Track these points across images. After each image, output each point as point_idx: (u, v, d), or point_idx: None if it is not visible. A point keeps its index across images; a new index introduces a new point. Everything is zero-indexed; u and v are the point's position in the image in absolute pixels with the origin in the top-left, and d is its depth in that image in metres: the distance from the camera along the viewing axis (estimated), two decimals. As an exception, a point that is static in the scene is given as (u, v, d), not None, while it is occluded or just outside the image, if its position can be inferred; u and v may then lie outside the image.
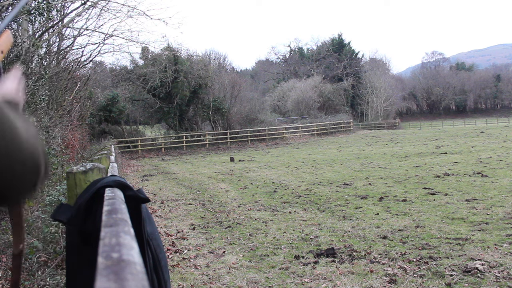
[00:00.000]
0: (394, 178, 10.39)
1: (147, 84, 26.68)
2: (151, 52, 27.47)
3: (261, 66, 74.22)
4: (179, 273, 4.48)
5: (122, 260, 0.45)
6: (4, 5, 6.58)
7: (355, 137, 31.51)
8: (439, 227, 5.70)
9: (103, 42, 14.04)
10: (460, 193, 7.96)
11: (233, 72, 46.04)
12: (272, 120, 35.79)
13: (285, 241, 5.51)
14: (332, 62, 55.65)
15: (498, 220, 5.88)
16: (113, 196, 0.96)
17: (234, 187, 10.44)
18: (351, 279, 4.12)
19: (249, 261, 4.81)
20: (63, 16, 11.53)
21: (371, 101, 51.72)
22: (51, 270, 3.79)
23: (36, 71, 7.26)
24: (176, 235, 6.15)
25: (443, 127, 44.51)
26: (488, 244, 4.85)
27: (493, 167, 11.03)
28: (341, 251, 4.95)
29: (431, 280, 3.97)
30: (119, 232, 0.53)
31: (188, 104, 29.36)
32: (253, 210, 7.61)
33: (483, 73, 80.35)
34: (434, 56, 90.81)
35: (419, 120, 64.49)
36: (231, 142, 28.73)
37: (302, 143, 28.87)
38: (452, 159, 13.60)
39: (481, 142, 19.84)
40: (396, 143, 23.00)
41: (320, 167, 13.76)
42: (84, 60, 14.26)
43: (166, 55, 27.42)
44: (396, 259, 4.57)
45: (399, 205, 7.25)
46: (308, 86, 44.48)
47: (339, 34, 60.13)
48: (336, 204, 7.68)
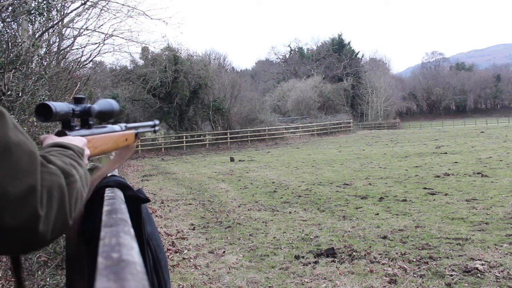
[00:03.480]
0: (394, 178, 10.38)
1: (147, 84, 26.67)
2: (151, 52, 27.46)
3: (261, 66, 74.22)
4: (179, 273, 4.48)
5: (122, 260, 0.45)
6: (4, 5, 6.58)
7: (355, 137, 31.50)
8: (439, 227, 5.70)
9: (103, 42, 14.03)
10: (460, 193, 7.96)
11: (233, 72, 46.01)
12: (272, 120, 35.78)
13: (285, 241, 5.51)
14: (332, 62, 55.66)
15: (498, 220, 5.88)
16: (113, 196, 0.96)
17: (234, 187, 10.44)
18: (351, 279, 4.12)
19: (249, 261, 4.81)
20: (63, 16, 11.53)
21: (371, 101, 51.72)
22: (51, 270, 3.79)
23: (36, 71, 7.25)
24: (176, 235, 6.15)
25: (443, 127, 44.50)
26: (488, 244, 4.85)
27: (493, 167, 11.03)
28: (341, 251, 4.95)
29: (431, 280, 3.97)
30: (119, 232, 0.53)
31: (188, 104, 29.35)
32: (253, 210, 7.61)
33: (483, 73, 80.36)
34: (434, 56, 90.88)
35: (419, 120, 64.49)
36: (231, 142, 28.73)
37: (302, 143, 28.87)
38: (452, 159, 13.59)
39: (481, 142, 19.84)
40: (396, 143, 23.00)
41: (320, 167, 13.76)
42: (84, 60, 14.25)
43: (166, 55, 27.42)
44: (396, 259, 4.57)
45: (399, 205, 7.25)
46: (308, 86, 44.48)
47: (339, 34, 60.14)
48: (336, 204, 7.68)
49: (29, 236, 0.56)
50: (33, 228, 0.56)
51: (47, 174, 0.59)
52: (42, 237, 0.57)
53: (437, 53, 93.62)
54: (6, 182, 0.51)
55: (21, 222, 0.54)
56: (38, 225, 0.56)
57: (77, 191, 0.65)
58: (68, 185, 0.63)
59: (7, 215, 0.52)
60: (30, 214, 0.54)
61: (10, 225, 0.53)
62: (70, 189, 0.63)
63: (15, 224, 0.53)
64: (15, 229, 0.54)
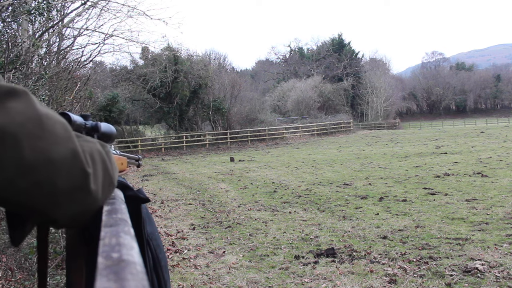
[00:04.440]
0: (394, 178, 10.38)
1: (147, 84, 26.67)
2: (151, 52, 27.46)
3: (261, 66, 74.24)
4: (179, 273, 4.48)
5: (122, 260, 0.45)
6: (4, 5, 6.58)
7: (355, 137, 31.51)
8: (439, 227, 5.70)
9: (103, 42, 14.03)
10: (460, 193, 7.96)
11: (233, 72, 46.03)
12: (272, 120, 35.79)
13: (285, 241, 5.51)
14: (332, 62, 55.67)
15: (498, 220, 5.88)
16: (113, 196, 0.96)
17: (234, 187, 10.44)
18: (351, 279, 4.12)
19: (249, 261, 4.81)
20: (63, 16, 11.53)
21: (371, 101, 51.73)
22: (51, 270, 3.79)
23: (36, 71, 7.26)
24: (176, 235, 6.16)
25: (443, 127, 44.51)
26: (488, 244, 4.85)
27: (493, 167, 11.03)
28: (341, 251, 4.95)
29: (431, 280, 3.97)
30: (119, 232, 0.53)
31: (188, 104, 29.36)
32: (253, 210, 7.61)
33: (483, 73, 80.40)
34: (434, 56, 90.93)
35: (419, 120, 64.50)
36: (231, 142, 28.73)
37: (302, 143, 28.87)
38: (452, 159, 13.59)
39: (481, 142, 19.84)
40: (396, 143, 23.00)
41: (320, 167, 13.76)
42: (84, 60, 14.25)
43: (166, 55, 27.42)
44: (396, 259, 4.57)
45: (399, 205, 7.25)
46: (308, 86, 44.49)
47: (339, 34, 60.17)
48: (336, 204, 7.68)
49: (83, 197, 0.58)
50: (85, 187, 0.57)
51: (83, 141, 0.62)
52: (94, 197, 0.60)
53: (437, 53, 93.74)
54: (47, 149, 0.53)
55: (73, 182, 0.56)
56: (90, 184, 0.58)
57: (113, 160, 0.69)
58: (106, 152, 0.67)
59: (58, 179, 0.54)
60: (79, 173, 0.56)
61: (63, 187, 0.55)
62: (108, 155, 0.67)
63: (67, 185, 0.55)
64: (69, 191, 0.55)
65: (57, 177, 0.54)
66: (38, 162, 0.52)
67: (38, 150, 0.52)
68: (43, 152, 0.52)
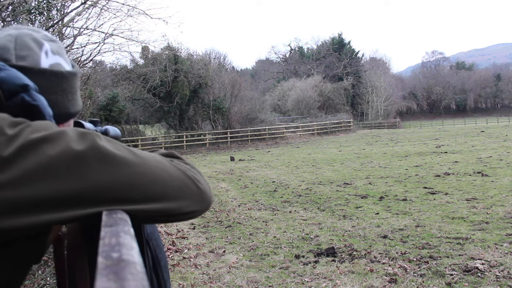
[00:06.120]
0: (394, 177, 10.38)
1: (147, 83, 26.67)
2: (151, 51, 27.44)
3: (261, 65, 74.25)
4: (179, 273, 4.48)
5: (122, 260, 0.44)
6: (4, 4, 6.58)
7: (355, 137, 31.50)
8: (439, 227, 5.70)
9: (103, 41, 14.01)
10: (460, 193, 7.96)
11: (233, 71, 46.04)
12: (272, 119, 35.81)
13: (285, 241, 5.51)
14: (332, 61, 55.68)
15: (498, 219, 5.88)
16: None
17: (234, 187, 10.44)
18: (351, 278, 4.12)
19: (249, 261, 4.81)
20: (63, 15, 11.52)
21: (371, 100, 51.72)
22: (51, 269, 3.79)
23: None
24: (176, 234, 6.16)
25: (443, 127, 44.51)
26: (489, 244, 4.85)
27: (493, 167, 11.02)
28: (341, 251, 4.95)
29: (431, 280, 3.96)
30: (119, 232, 0.53)
31: (188, 104, 29.36)
32: (253, 210, 7.61)
33: (483, 73, 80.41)
34: (434, 55, 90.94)
35: (419, 120, 64.52)
36: (231, 142, 28.73)
37: (302, 142, 28.87)
38: (452, 158, 13.59)
39: (481, 142, 19.83)
40: (396, 143, 23.00)
41: (320, 166, 13.76)
42: (84, 60, 14.23)
43: (166, 55, 27.43)
44: (396, 258, 4.57)
45: (399, 205, 7.25)
46: (308, 86, 44.49)
47: (339, 33, 60.26)
48: (336, 204, 7.68)
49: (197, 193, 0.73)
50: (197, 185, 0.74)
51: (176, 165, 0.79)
52: (207, 193, 0.76)
53: (437, 52, 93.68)
54: (166, 192, 0.68)
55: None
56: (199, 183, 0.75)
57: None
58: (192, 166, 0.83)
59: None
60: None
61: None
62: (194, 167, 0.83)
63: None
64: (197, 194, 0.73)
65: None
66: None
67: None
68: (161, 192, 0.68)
